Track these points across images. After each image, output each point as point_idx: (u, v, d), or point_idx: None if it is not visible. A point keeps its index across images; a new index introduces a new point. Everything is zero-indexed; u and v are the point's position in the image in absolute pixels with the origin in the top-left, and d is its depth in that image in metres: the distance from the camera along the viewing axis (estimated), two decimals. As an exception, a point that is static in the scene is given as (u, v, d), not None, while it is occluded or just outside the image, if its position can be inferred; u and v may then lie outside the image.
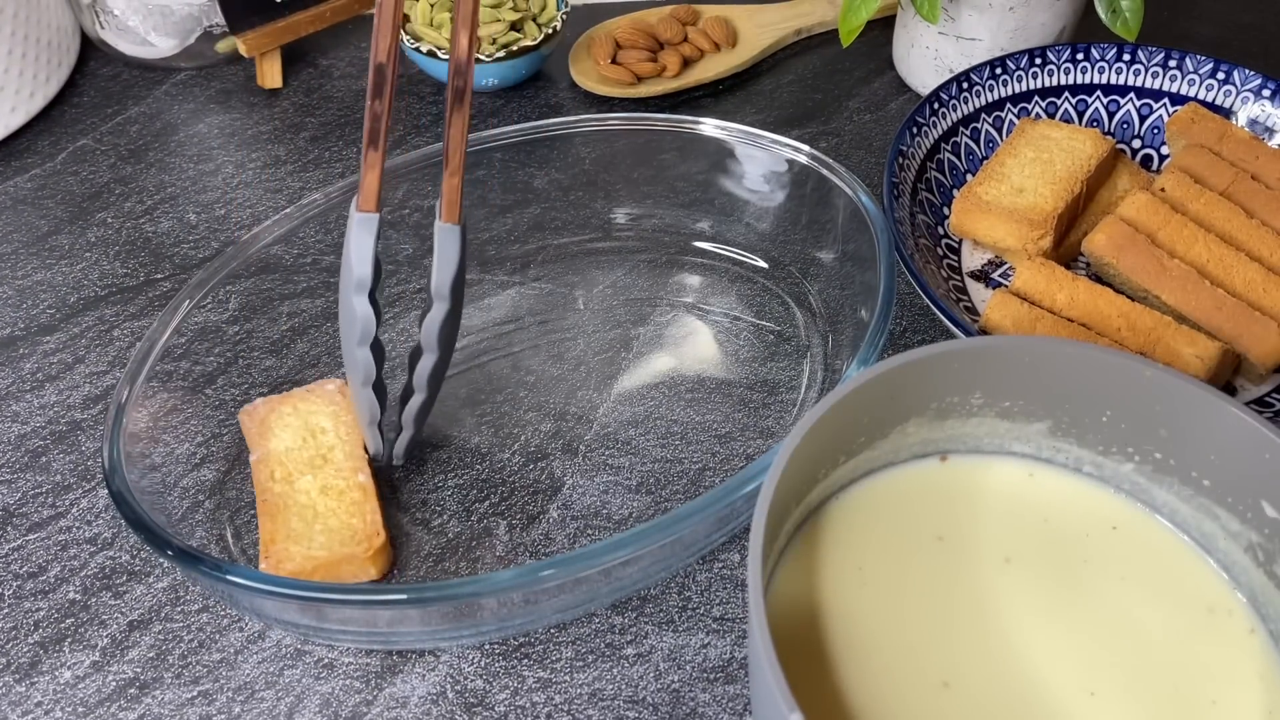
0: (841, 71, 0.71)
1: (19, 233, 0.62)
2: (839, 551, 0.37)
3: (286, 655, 0.44)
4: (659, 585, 0.46)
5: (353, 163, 0.66)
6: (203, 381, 0.51)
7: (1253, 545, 0.36)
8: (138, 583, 0.47)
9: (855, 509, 0.39)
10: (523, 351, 0.55)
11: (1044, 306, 0.51)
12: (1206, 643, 0.35)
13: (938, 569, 0.37)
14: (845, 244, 0.53)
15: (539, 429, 0.52)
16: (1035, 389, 0.38)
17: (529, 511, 0.49)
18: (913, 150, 0.58)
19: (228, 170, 0.66)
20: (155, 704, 0.43)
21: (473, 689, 0.43)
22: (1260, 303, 0.50)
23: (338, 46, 0.74)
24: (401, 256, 0.57)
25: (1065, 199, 0.55)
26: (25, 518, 0.49)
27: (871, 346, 0.45)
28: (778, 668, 0.29)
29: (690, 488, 0.49)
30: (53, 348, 0.56)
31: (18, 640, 0.45)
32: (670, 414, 0.52)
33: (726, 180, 0.58)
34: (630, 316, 0.56)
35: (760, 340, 0.55)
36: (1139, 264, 0.51)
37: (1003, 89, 0.61)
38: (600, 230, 0.60)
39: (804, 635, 0.35)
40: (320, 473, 0.48)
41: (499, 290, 0.58)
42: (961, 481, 0.40)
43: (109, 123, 0.69)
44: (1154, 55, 0.61)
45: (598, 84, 0.69)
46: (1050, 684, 0.34)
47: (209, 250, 0.61)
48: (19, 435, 0.52)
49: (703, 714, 0.42)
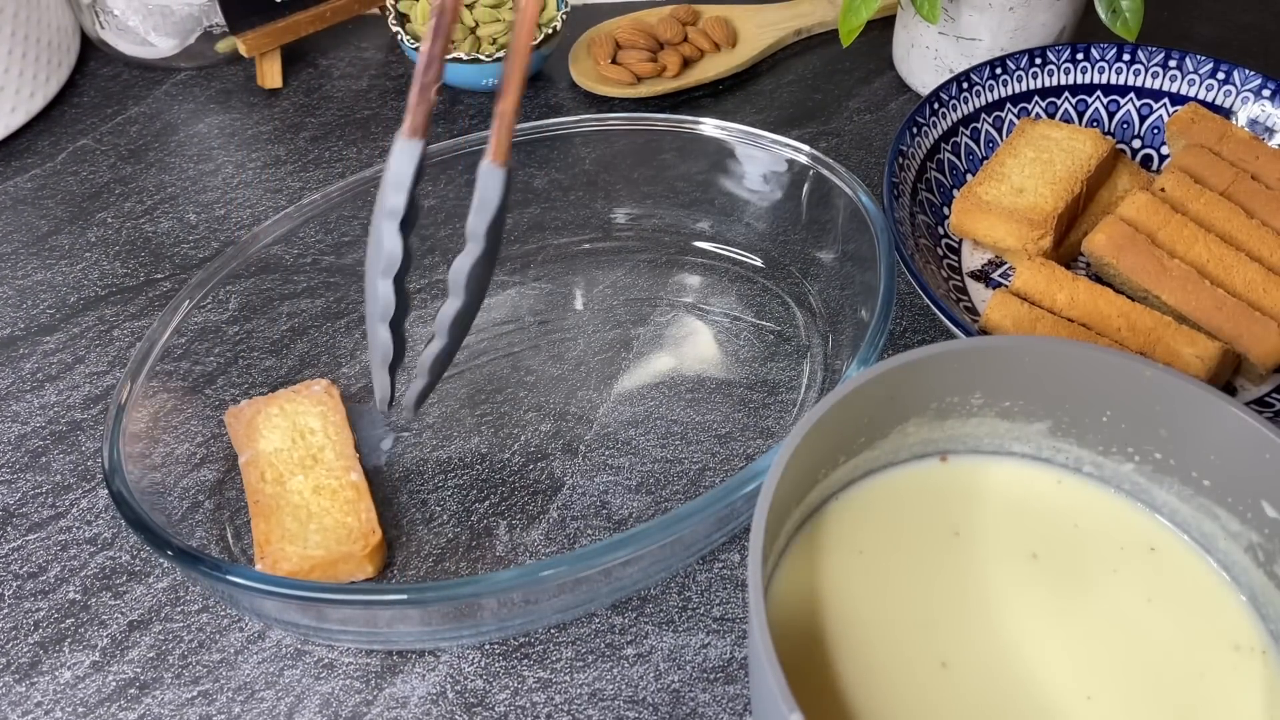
0: (841, 71, 0.71)
1: (19, 233, 0.62)
2: (839, 551, 0.37)
3: (286, 655, 0.44)
4: (659, 585, 0.46)
5: (353, 163, 0.66)
6: (203, 381, 0.51)
7: (1253, 545, 0.36)
8: (138, 583, 0.47)
9: (855, 509, 0.39)
10: (523, 351, 0.55)
11: (1044, 306, 0.51)
12: (1225, 680, 0.35)
13: (943, 564, 0.37)
14: (845, 244, 0.53)
15: (539, 429, 0.52)
16: (1035, 389, 0.38)
17: (529, 511, 0.49)
18: (913, 150, 0.58)
19: (228, 170, 0.66)
20: (155, 704, 0.43)
21: (473, 689, 0.43)
22: (1260, 303, 0.50)
23: (338, 46, 0.74)
24: (401, 256, 0.57)
25: (1065, 199, 0.55)
26: (25, 518, 0.49)
27: (871, 346, 0.44)
28: (778, 668, 0.29)
29: (690, 488, 0.49)
30: (53, 348, 0.56)
31: (18, 640, 0.45)
32: (670, 414, 0.52)
33: (726, 180, 0.58)
34: (630, 316, 0.56)
35: (760, 340, 0.55)
36: (1139, 264, 0.51)
37: (1003, 89, 0.61)
38: (600, 230, 0.60)
39: (804, 635, 0.35)
40: (311, 473, 0.48)
41: (499, 290, 0.58)
42: (962, 481, 0.40)
43: (109, 123, 0.69)
44: (1154, 55, 0.61)
45: (598, 84, 0.69)
46: (1051, 682, 0.34)
47: (209, 250, 0.61)
48: (19, 435, 0.52)
49: (703, 714, 0.42)
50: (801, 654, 0.35)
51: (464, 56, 0.65)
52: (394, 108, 0.69)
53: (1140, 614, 0.36)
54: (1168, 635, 0.36)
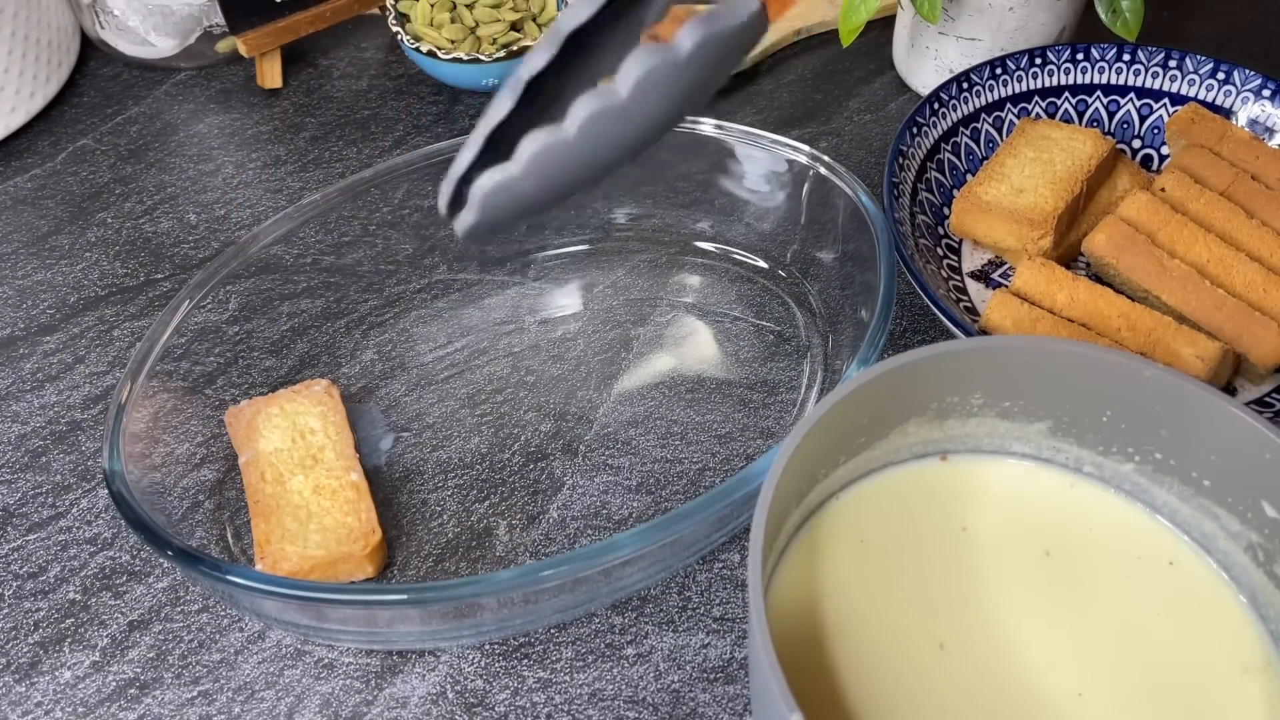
0: (841, 71, 0.71)
1: (19, 233, 0.62)
2: (839, 551, 0.37)
3: (286, 655, 0.44)
4: (659, 585, 0.46)
5: (353, 163, 0.66)
6: (203, 381, 0.51)
7: (1253, 545, 0.36)
8: (138, 583, 0.47)
9: (855, 509, 0.39)
10: (523, 351, 0.55)
11: (1044, 306, 0.51)
12: (1228, 702, 0.35)
13: (948, 558, 0.37)
14: (845, 244, 0.53)
15: (539, 429, 0.52)
16: (1035, 389, 0.38)
17: (529, 511, 0.49)
18: (913, 150, 0.58)
19: (228, 170, 0.66)
20: (155, 704, 0.43)
21: (473, 689, 0.43)
22: (1260, 303, 0.50)
23: (338, 46, 0.74)
24: (402, 256, 0.57)
25: (1065, 199, 0.55)
26: (25, 518, 0.49)
27: (871, 346, 0.44)
28: (778, 668, 0.29)
29: (690, 488, 0.49)
30: (53, 348, 0.56)
31: (18, 640, 0.45)
32: (670, 414, 0.52)
33: (726, 180, 0.58)
34: (630, 316, 0.56)
35: (760, 340, 0.55)
36: (1139, 264, 0.51)
37: (1003, 89, 0.61)
38: (600, 230, 0.60)
39: (804, 635, 0.35)
40: (311, 473, 0.48)
41: (499, 290, 0.58)
42: (964, 480, 0.40)
43: (109, 123, 0.69)
44: (1154, 55, 0.61)
45: (598, 84, 0.68)
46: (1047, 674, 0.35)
47: (209, 250, 0.61)
48: (19, 435, 0.52)
49: (703, 714, 0.42)
50: (801, 654, 0.35)
51: (464, 56, 0.65)
52: (394, 108, 0.69)
53: (1148, 624, 0.36)
54: (1173, 649, 0.35)
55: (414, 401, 0.53)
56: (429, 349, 0.55)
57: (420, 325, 0.56)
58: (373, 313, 0.56)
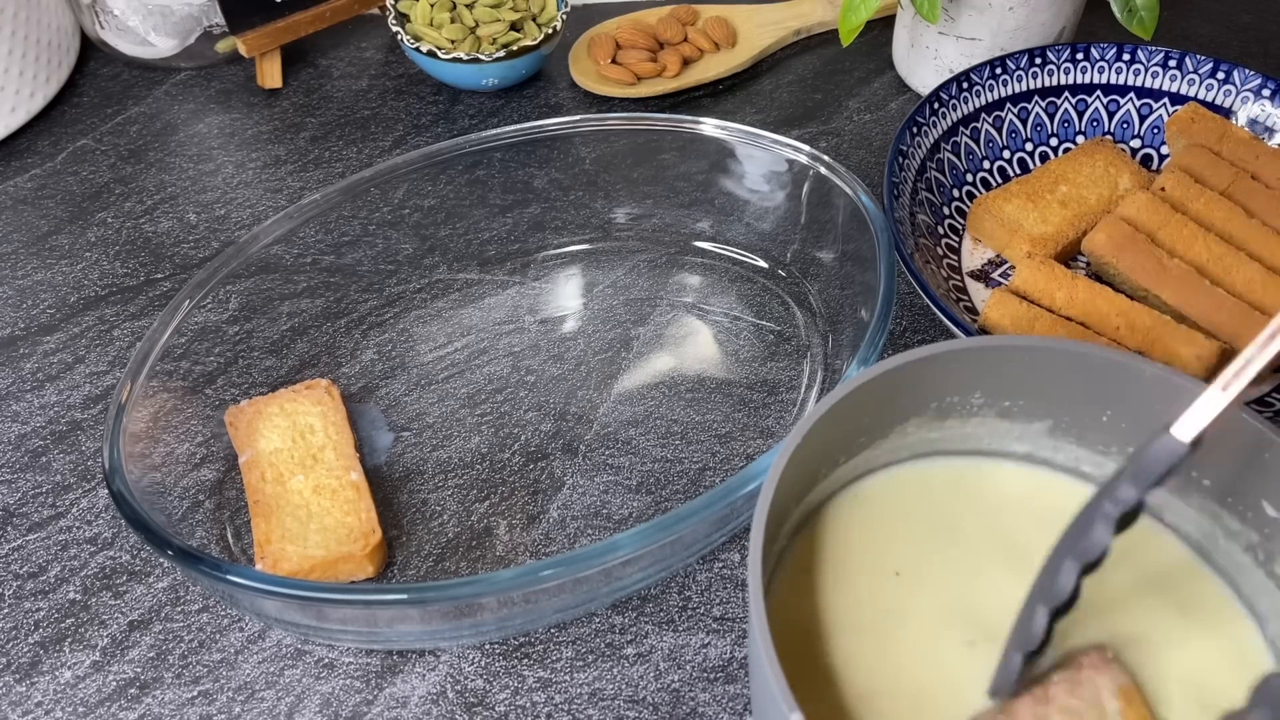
0: (841, 71, 0.71)
1: (19, 233, 0.62)
2: (839, 551, 0.37)
3: (286, 655, 0.44)
4: (659, 585, 0.46)
5: (353, 163, 0.66)
6: (203, 381, 0.51)
7: (1253, 545, 0.36)
8: (138, 583, 0.47)
9: (856, 508, 0.39)
10: (523, 351, 0.55)
11: (1043, 305, 0.51)
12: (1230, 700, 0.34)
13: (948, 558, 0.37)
14: (845, 244, 0.53)
15: (539, 429, 0.52)
16: (1035, 389, 0.38)
17: (529, 511, 0.49)
18: (913, 150, 0.58)
19: (228, 170, 0.66)
20: (155, 704, 0.43)
21: (473, 689, 0.43)
22: (1260, 303, 0.50)
23: (338, 46, 0.74)
24: (402, 256, 0.57)
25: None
26: (25, 518, 0.49)
27: (871, 346, 0.45)
28: (778, 668, 0.29)
29: (690, 488, 0.49)
30: (53, 348, 0.56)
31: (18, 640, 0.45)
32: (670, 414, 0.52)
33: (726, 180, 0.58)
34: (630, 316, 0.56)
35: (760, 340, 0.55)
36: (1139, 263, 0.51)
37: (1003, 89, 0.61)
38: (600, 230, 0.60)
39: (804, 635, 0.35)
40: (312, 473, 0.48)
41: (499, 290, 0.58)
42: (964, 480, 0.40)
43: (109, 123, 0.69)
44: (1154, 55, 0.61)
45: (597, 84, 0.69)
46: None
47: (209, 250, 0.61)
48: (19, 435, 0.52)
49: (703, 714, 0.42)
50: (801, 654, 0.35)
51: (464, 56, 0.65)
52: (394, 108, 0.69)
53: (1147, 623, 0.36)
54: (1172, 648, 0.35)
55: (414, 401, 0.53)
56: (429, 349, 0.55)
57: (420, 325, 0.56)
58: (373, 313, 0.56)
